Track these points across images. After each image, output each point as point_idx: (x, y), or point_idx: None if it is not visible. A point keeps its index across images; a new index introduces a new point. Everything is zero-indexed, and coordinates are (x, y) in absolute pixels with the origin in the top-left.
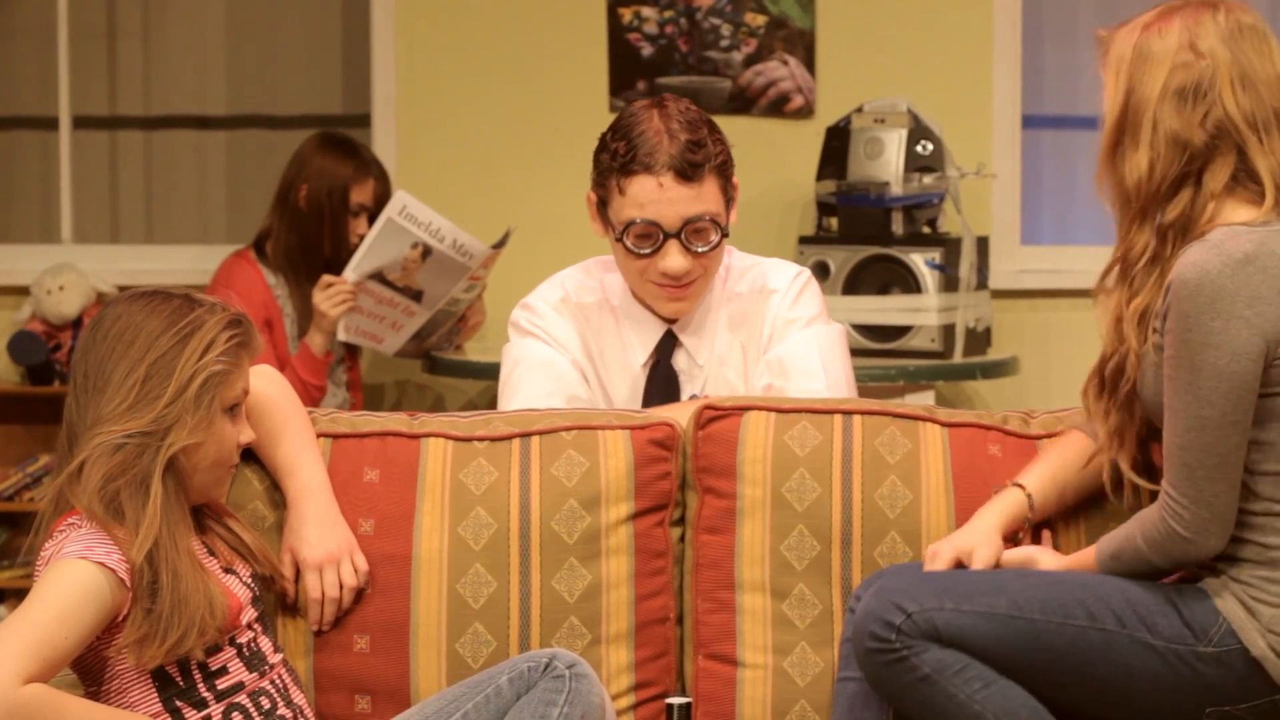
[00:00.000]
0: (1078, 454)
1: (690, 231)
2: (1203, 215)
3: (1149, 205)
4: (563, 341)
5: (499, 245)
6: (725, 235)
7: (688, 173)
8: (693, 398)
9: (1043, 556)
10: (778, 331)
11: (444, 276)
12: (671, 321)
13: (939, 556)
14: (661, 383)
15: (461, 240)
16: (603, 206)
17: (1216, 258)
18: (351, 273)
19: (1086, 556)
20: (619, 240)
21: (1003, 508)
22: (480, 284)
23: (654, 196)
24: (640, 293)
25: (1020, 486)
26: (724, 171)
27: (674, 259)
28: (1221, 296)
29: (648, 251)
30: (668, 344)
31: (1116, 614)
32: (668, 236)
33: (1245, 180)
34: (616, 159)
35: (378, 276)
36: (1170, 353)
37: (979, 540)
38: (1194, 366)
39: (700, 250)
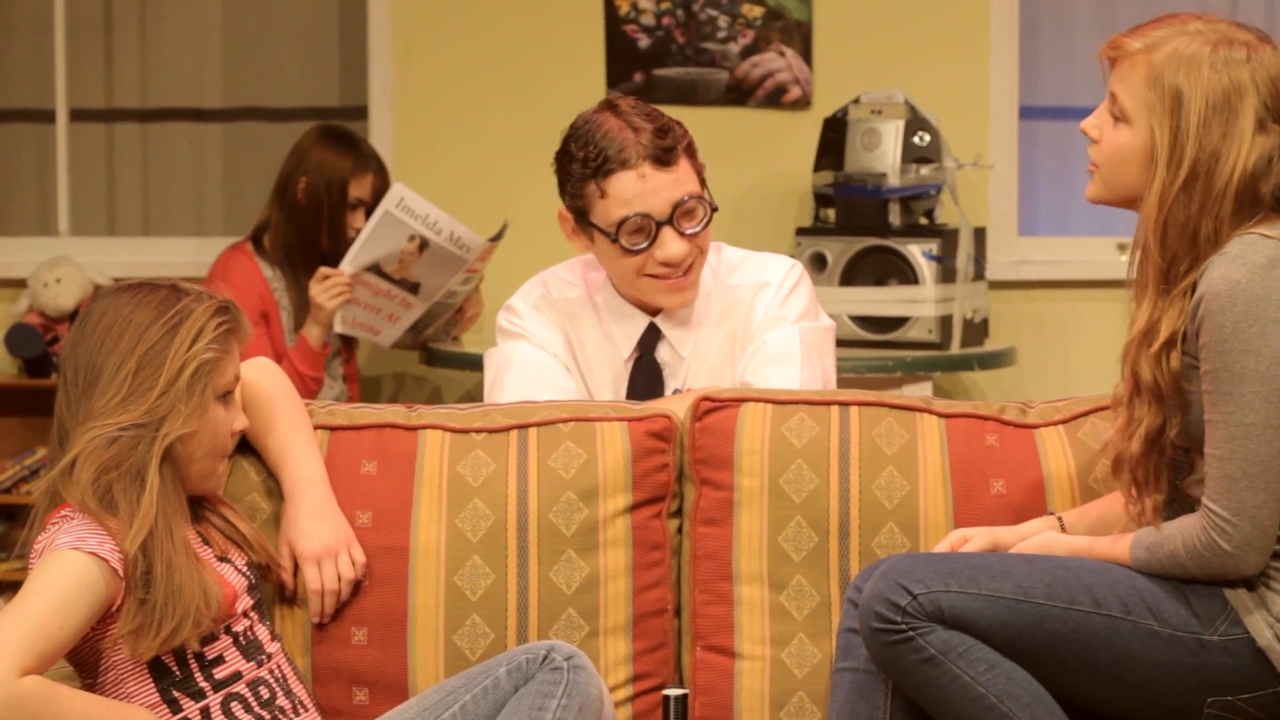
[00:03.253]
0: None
1: (680, 215)
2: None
3: (1209, 251)
4: (546, 339)
5: (496, 238)
6: (715, 209)
7: (663, 158)
8: (675, 392)
9: (1057, 541)
10: (766, 325)
11: (441, 269)
12: (654, 314)
13: (968, 540)
14: (645, 376)
15: (459, 233)
16: (582, 216)
17: (1242, 267)
18: (348, 265)
19: (1117, 547)
20: (614, 241)
21: (1034, 523)
22: (477, 276)
23: (638, 189)
24: (639, 291)
25: (1054, 514)
26: (692, 152)
27: (672, 245)
28: (1255, 304)
29: (644, 245)
30: (651, 337)
31: (1123, 600)
32: (660, 225)
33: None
34: (589, 165)
35: (374, 269)
36: (1208, 367)
37: (1005, 530)
38: (1234, 375)
39: (692, 231)
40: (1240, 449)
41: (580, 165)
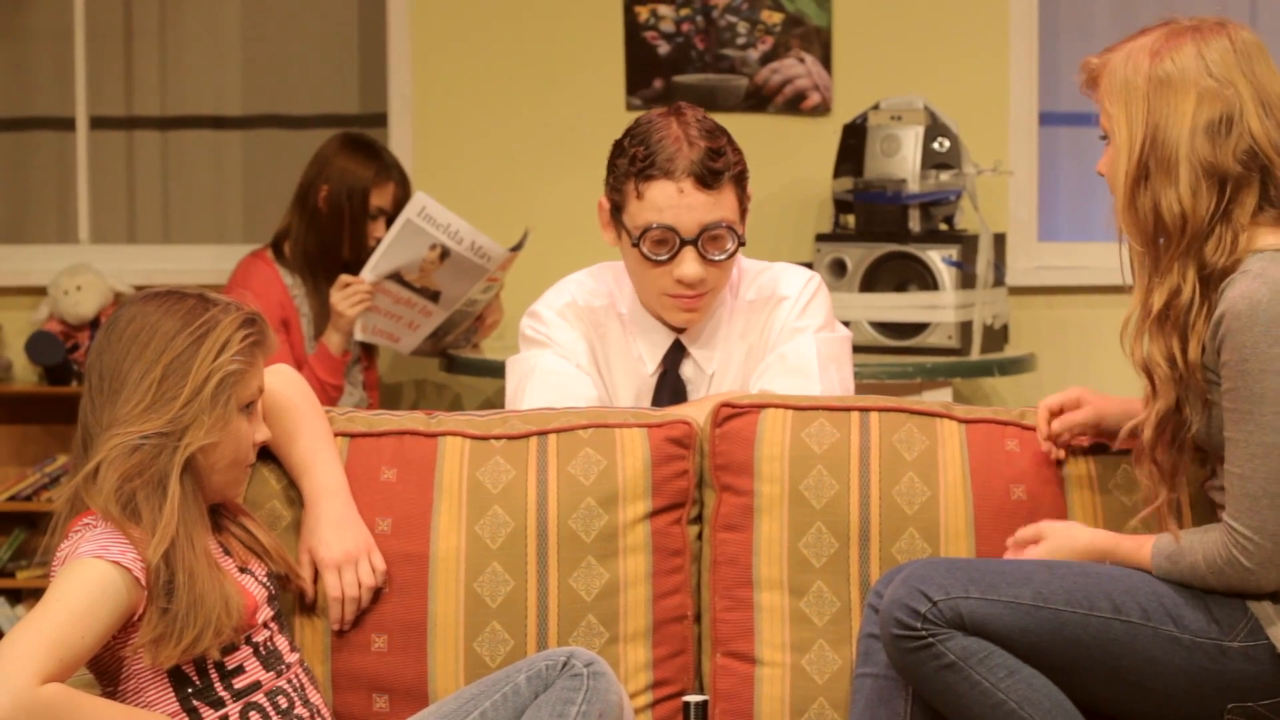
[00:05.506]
0: None
1: (707, 239)
2: (1236, 248)
3: (1192, 243)
4: (570, 347)
5: (517, 248)
6: (742, 244)
7: (708, 180)
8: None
9: (1083, 532)
10: (783, 338)
11: (462, 278)
12: (680, 331)
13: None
14: (669, 392)
15: (480, 242)
16: (617, 211)
17: (1264, 286)
18: (369, 273)
19: (1139, 551)
20: (635, 245)
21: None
22: (498, 284)
23: (673, 201)
24: (651, 302)
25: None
26: (740, 181)
27: (689, 266)
28: (1276, 322)
29: (664, 258)
30: (675, 354)
31: (1143, 606)
32: (684, 243)
33: (1267, 207)
34: (635, 163)
35: (395, 277)
36: (1229, 385)
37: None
38: (1255, 395)
39: (716, 258)
40: (1262, 468)
41: (628, 161)
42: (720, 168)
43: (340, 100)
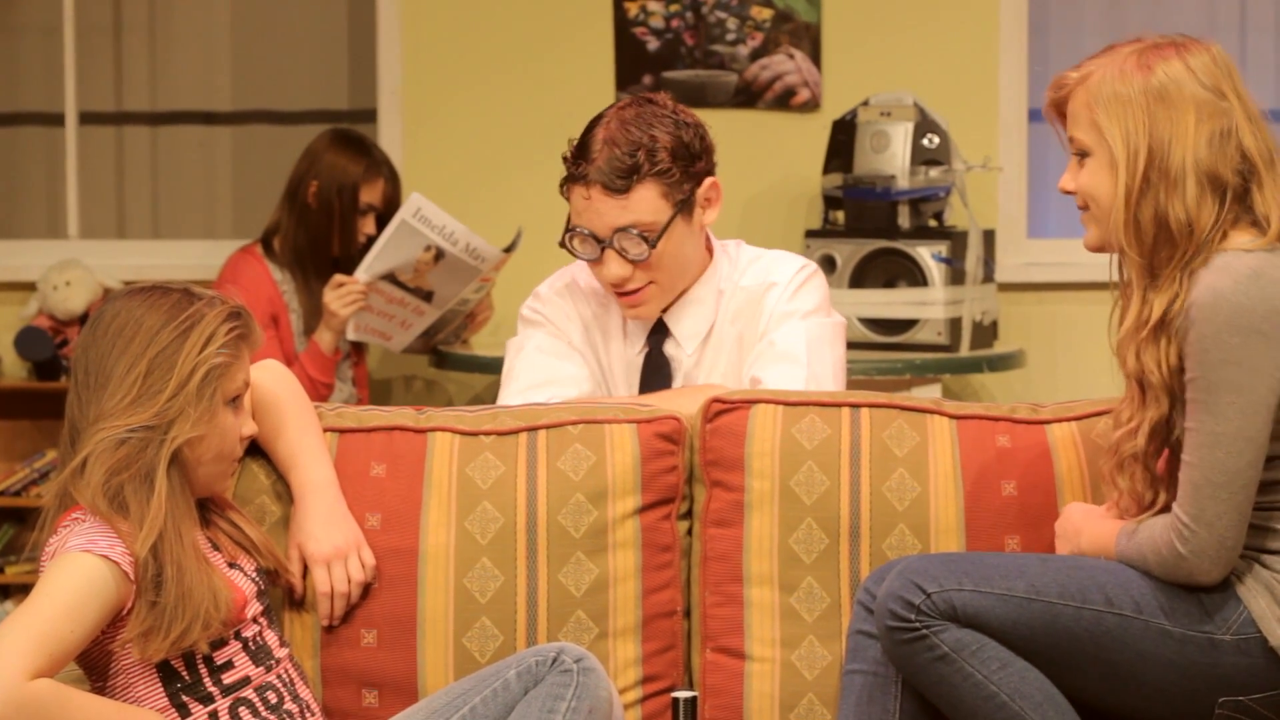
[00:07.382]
0: None
1: (621, 240)
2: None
3: (1193, 252)
4: (563, 326)
5: (510, 248)
6: (653, 247)
7: (614, 184)
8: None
9: (1092, 511)
10: (773, 323)
11: (455, 278)
12: (663, 310)
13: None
14: (654, 369)
15: (474, 244)
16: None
17: (1227, 278)
18: (364, 273)
19: (1109, 533)
20: (563, 244)
21: None
22: (489, 284)
23: (584, 206)
24: None
25: None
26: (668, 178)
27: (609, 266)
28: (1239, 313)
29: (589, 257)
30: (659, 332)
31: (1135, 599)
32: (602, 245)
33: (1243, 215)
34: (566, 164)
35: (389, 277)
36: (1190, 375)
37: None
38: (1211, 385)
39: (634, 258)
40: (1208, 457)
41: (566, 159)
42: (627, 170)
43: (330, 96)
